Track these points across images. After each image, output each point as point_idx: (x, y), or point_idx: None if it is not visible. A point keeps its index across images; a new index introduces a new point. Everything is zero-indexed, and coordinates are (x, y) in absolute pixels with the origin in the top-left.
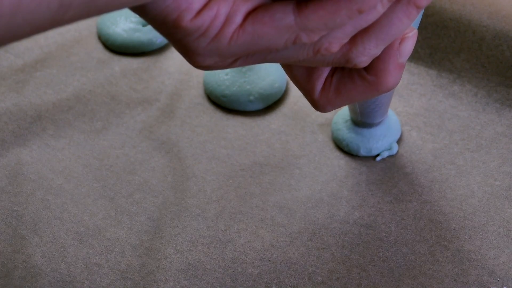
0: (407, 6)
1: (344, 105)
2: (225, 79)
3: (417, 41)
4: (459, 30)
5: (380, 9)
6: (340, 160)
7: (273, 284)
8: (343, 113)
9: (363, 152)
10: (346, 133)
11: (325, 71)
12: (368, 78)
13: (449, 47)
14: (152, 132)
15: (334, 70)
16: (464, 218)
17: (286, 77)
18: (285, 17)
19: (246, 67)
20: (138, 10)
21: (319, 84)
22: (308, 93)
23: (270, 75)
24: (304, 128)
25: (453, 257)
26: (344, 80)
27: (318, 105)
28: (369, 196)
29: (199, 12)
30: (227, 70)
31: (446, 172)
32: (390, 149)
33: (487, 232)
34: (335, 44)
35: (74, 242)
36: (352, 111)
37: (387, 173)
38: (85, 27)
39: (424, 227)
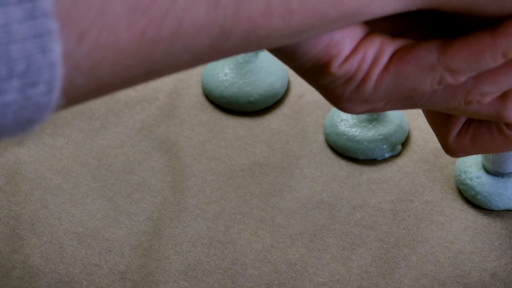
0: None
1: (477, 154)
2: (224, 79)
3: None
4: None
5: None
6: (340, 160)
7: (274, 285)
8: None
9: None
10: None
11: (463, 118)
12: (507, 133)
13: None
14: (151, 131)
15: (472, 119)
16: (466, 219)
17: (287, 77)
18: (429, 55)
19: (246, 68)
20: (286, 55)
21: (455, 130)
22: (442, 137)
23: (270, 76)
24: (304, 128)
25: (455, 258)
26: (481, 131)
27: (450, 150)
28: (370, 196)
29: (348, 56)
30: (226, 70)
31: (448, 172)
32: (393, 150)
33: (489, 233)
34: (488, 97)
35: (73, 242)
36: (485, 158)
37: (388, 173)
38: None
39: (425, 227)
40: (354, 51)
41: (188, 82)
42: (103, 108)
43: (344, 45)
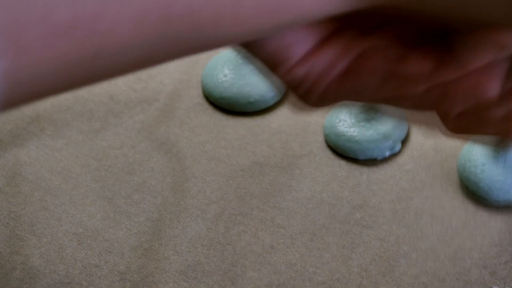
0: None
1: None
2: (223, 80)
3: None
4: None
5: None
6: (341, 160)
7: (273, 286)
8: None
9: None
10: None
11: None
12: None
13: None
14: (151, 132)
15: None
16: (466, 213)
17: None
18: (385, 64)
19: (246, 69)
20: (248, 49)
21: (450, 115)
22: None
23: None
24: (304, 127)
25: (455, 254)
26: (473, 119)
27: (446, 133)
28: (370, 195)
29: (296, 64)
30: (226, 71)
31: (448, 165)
32: (392, 148)
33: (489, 228)
34: (455, 109)
35: (73, 243)
36: None
37: (388, 172)
38: None
39: (425, 224)
40: (303, 58)
41: (188, 83)
42: (103, 109)
43: (294, 51)
